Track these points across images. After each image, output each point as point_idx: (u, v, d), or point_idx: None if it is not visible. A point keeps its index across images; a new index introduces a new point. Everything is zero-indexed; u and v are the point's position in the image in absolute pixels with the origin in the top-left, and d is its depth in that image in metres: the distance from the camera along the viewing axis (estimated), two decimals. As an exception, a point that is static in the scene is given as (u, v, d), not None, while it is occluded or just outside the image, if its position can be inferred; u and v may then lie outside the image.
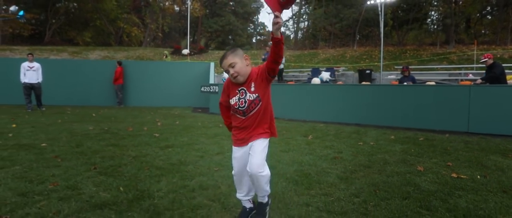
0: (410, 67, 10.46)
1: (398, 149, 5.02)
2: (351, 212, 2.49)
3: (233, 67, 2.15)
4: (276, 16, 1.90)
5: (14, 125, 7.21)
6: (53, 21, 35.99)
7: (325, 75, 13.54)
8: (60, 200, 2.73)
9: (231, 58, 2.15)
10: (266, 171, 2.22)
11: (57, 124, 7.58)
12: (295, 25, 35.52)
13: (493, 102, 6.54)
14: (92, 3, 35.49)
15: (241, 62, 2.17)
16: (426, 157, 4.46)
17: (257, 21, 64.27)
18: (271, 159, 4.28)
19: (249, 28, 62.22)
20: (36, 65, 10.80)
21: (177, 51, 25.45)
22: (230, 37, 51.34)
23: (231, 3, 54.39)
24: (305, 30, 27.43)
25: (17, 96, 12.17)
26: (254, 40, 60.24)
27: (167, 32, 42.11)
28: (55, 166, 3.84)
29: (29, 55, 10.94)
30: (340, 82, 13.45)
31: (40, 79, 10.84)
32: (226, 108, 2.42)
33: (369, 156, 4.47)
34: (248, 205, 2.40)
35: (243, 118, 2.24)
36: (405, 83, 8.75)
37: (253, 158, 2.16)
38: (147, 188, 3.04)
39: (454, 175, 3.49)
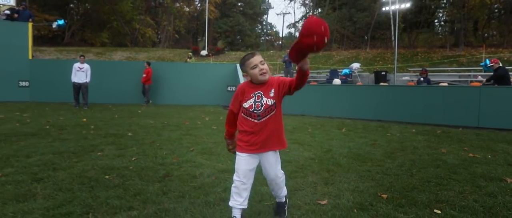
0: (421, 69, 11.58)
1: (421, 138, 6.11)
2: (402, 174, 3.61)
3: (263, 64, 2.22)
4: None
5: (84, 119, 8.40)
6: (72, 22, 37.42)
7: (355, 65, 14.66)
8: (193, 167, 3.87)
9: (261, 57, 2.26)
10: (283, 176, 2.47)
11: (116, 119, 8.73)
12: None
13: (501, 101, 7.58)
14: (109, 5, 36.87)
15: (267, 65, 2.26)
16: (446, 144, 5.54)
17: (265, 21, 65.55)
18: (325, 144, 5.40)
19: (257, 28, 63.47)
20: (85, 66, 11.92)
21: (195, 52, 26.65)
22: (238, 37, 52.57)
23: (239, 4, 55.65)
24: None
25: (60, 95, 13.56)
26: (261, 40, 61.37)
27: (183, 33, 43.39)
28: (159, 148, 4.98)
29: (81, 57, 12.06)
30: (359, 83, 14.54)
31: (87, 80, 11.95)
32: (234, 115, 2.41)
33: (400, 143, 5.57)
34: (238, 215, 2.33)
35: (257, 121, 2.25)
36: (424, 84, 9.82)
37: (271, 170, 2.34)
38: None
39: (470, 154, 4.59)
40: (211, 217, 2.47)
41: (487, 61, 9.35)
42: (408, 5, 17.66)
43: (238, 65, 14.85)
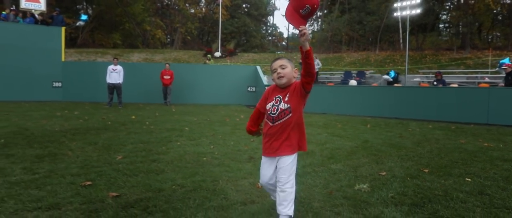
0: (430, 71, 12.54)
1: (439, 132, 7.06)
2: (434, 157, 4.57)
3: (283, 69, 2.28)
4: (301, 30, 2.03)
5: (133, 116, 9.37)
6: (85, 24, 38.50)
7: (387, 76, 15.84)
8: (265, 152, 4.83)
9: (285, 62, 2.31)
10: (292, 190, 2.31)
11: (159, 116, 9.68)
12: (317, 29, 37.67)
13: (508, 101, 8.52)
14: (122, 7, 37.93)
15: (291, 70, 2.31)
16: (462, 137, 6.49)
17: (269, 23, 66.59)
18: (360, 137, 6.37)
19: (262, 30, 64.48)
20: (118, 68, 12.92)
21: (208, 54, 27.62)
22: (243, 38, 53.58)
23: (244, 5, 56.62)
24: (329, 35, 29.61)
25: (90, 95, 14.76)
26: (266, 41, 62.28)
27: (194, 35, 44.46)
28: (223, 139, 5.94)
29: (115, 59, 13.09)
30: (374, 84, 15.50)
31: (121, 80, 12.93)
32: (258, 114, 2.54)
33: (423, 136, 6.53)
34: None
35: (271, 124, 2.32)
36: (440, 85, 10.80)
37: (282, 175, 2.30)
38: (311, 149, 5.14)
39: (485, 144, 5.55)
40: (306, 183, 3.44)
41: (507, 60, 10.22)
42: (418, 10, 18.62)
43: (258, 67, 15.84)
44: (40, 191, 3.09)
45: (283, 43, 65.74)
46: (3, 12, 16.02)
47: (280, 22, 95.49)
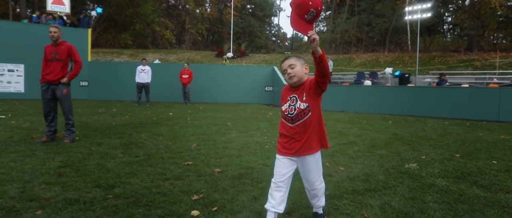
0: (440, 72, 13.35)
1: (457, 127, 7.84)
2: (460, 146, 5.36)
3: (292, 68, 2.25)
4: (310, 36, 1.97)
5: (170, 113, 10.16)
6: (97, 24, 39.37)
7: (388, 69, 16.62)
8: (314, 142, 5.63)
9: (293, 61, 2.28)
10: (322, 185, 2.38)
11: (192, 113, 10.45)
12: (325, 30, 38.46)
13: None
14: (132, 7, 38.81)
15: (301, 68, 2.27)
16: (478, 131, 7.27)
17: (273, 23, 67.46)
18: (388, 131, 7.15)
19: (266, 30, 65.34)
20: (147, 68, 13.72)
21: (220, 55, 28.47)
22: (247, 39, 54.45)
23: (248, 6, 57.46)
24: (338, 36, 30.45)
25: (113, 93, 15.55)
26: (271, 41, 63.09)
27: (205, 35, 45.30)
28: (270, 132, 6.72)
29: (143, 60, 13.91)
30: (388, 84, 16.30)
31: (149, 80, 13.74)
32: None
33: (443, 130, 7.31)
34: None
35: (291, 125, 2.29)
36: (446, 85, 11.59)
37: (310, 176, 2.30)
38: (352, 140, 5.93)
39: (502, 136, 6.34)
40: (364, 163, 4.23)
41: None
42: (429, 14, 19.42)
43: (275, 67, 16.63)
44: (155, 168, 3.87)
45: (286, 43, 66.58)
46: (34, 15, 16.83)
47: (284, 23, 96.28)
